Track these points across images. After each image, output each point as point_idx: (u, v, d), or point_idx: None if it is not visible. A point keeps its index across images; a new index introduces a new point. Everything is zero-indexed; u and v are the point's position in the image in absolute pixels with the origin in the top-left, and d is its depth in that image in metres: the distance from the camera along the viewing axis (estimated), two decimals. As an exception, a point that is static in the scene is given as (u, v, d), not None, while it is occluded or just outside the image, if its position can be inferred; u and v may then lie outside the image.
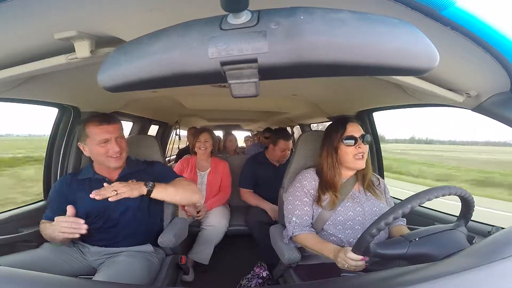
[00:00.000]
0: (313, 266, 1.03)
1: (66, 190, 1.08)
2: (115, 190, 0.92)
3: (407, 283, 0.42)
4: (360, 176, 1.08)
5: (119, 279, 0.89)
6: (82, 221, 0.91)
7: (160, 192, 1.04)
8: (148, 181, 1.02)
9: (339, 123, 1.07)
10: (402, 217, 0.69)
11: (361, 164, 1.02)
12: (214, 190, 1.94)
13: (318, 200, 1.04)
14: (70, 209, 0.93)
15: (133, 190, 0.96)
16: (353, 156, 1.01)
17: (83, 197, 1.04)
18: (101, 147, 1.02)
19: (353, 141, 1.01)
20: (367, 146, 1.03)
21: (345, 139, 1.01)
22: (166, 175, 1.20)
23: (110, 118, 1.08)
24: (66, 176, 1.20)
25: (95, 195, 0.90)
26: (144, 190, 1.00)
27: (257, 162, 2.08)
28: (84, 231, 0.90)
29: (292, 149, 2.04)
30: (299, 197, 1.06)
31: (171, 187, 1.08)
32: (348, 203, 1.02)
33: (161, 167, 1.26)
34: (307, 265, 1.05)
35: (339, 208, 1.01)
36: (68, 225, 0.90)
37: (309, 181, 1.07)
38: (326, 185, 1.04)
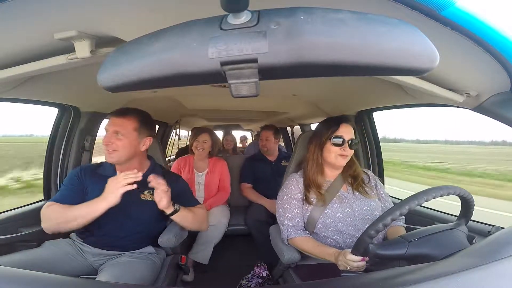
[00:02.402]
0: (313, 266, 1.03)
1: (85, 178, 1.04)
2: (161, 188, 0.93)
3: (407, 283, 0.42)
4: (347, 176, 1.08)
5: (123, 280, 0.89)
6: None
7: (179, 217, 1.02)
8: (176, 202, 1.00)
9: (333, 121, 1.07)
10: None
11: (342, 162, 1.03)
12: (213, 190, 1.93)
13: (306, 199, 1.04)
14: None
15: (163, 201, 0.94)
16: (335, 156, 1.02)
17: (97, 192, 0.98)
18: (104, 137, 1.00)
19: (340, 141, 1.01)
20: (352, 151, 1.04)
21: (333, 137, 1.02)
22: (188, 199, 1.15)
23: (121, 111, 1.02)
24: (87, 165, 1.14)
25: (152, 178, 0.93)
26: (169, 209, 0.98)
27: (255, 159, 2.18)
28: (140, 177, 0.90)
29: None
30: (287, 200, 1.06)
31: (191, 215, 1.06)
32: (336, 205, 1.01)
33: (185, 186, 1.19)
34: (307, 265, 1.05)
35: (327, 210, 1.00)
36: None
37: (294, 185, 1.08)
38: (310, 183, 1.05)
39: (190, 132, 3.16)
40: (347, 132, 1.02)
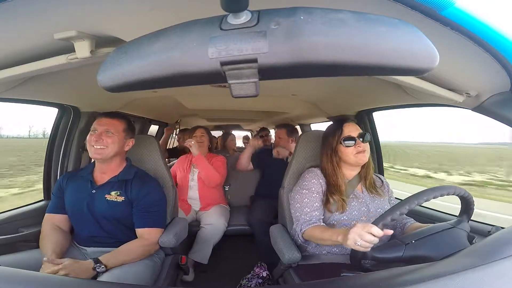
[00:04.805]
0: (313, 266, 1.03)
1: (65, 184, 1.11)
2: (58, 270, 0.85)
3: (407, 283, 0.42)
4: (363, 175, 1.08)
5: (124, 280, 0.89)
6: None
7: (113, 264, 0.93)
8: (98, 261, 0.90)
9: (335, 125, 1.07)
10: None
11: (364, 158, 1.02)
12: (207, 186, 1.88)
13: (326, 203, 1.02)
14: None
15: (76, 273, 0.84)
16: (354, 155, 1.01)
17: (68, 192, 1.09)
18: (89, 136, 1.04)
19: (352, 142, 1.01)
20: (367, 144, 1.03)
21: (344, 140, 1.01)
22: (146, 210, 1.07)
23: (112, 113, 1.09)
24: (70, 171, 1.29)
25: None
26: (90, 274, 0.88)
27: (266, 152, 2.11)
28: None
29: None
30: (307, 194, 1.04)
31: (123, 256, 0.97)
32: (354, 203, 1.02)
33: (155, 197, 1.11)
34: (307, 265, 1.05)
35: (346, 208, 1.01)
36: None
37: (317, 178, 1.06)
38: (332, 188, 1.04)
39: (177, 132, 3.18)
40: (352, 130, 1.03)
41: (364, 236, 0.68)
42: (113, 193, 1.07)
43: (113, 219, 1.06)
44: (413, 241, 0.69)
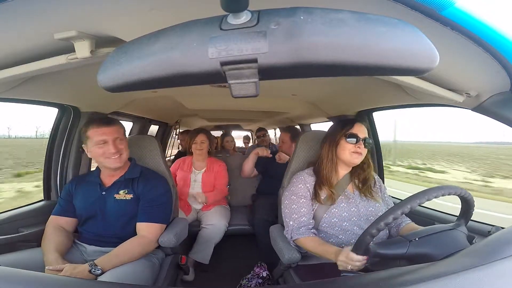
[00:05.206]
0: (313, 266, 1.03)
1: (74, 188, 1.14)
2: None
3: (407, 283, 0.42)
4: (356, 177, 1.08)
5: (123, 280, 0.89)
6: None
7: (109, 266, 0.92)
8: (92, 264, 0.89)
9: (347, 121, 1.08)
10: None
11: (357, 160, 1.03)
12: (209, 186, 1.93)
13: (316, 196, 1.04)
14: None
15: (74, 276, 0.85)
16: (350, 153, 1.02)
17: (79, 196, 1.11)
18: (99, 148, 1.04)
19: (354, 140, 1.02)
20: (366, 150, 1.04)
21: (348, 136, 1.02)
22: (150, 204, 1.09)
23: (109, 120, 1.10)
24: (79, 176, 1.31)
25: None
26: (89, 277, 0.87)
27: (267, 160, 2.09)
28: None
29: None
30: (295, 200, 1.06)
31: (120, 257, 0.96)
32: (343, 204, 1.02)
33: (158, 192, 1.14)
34: (307, 265, 1.05)
35: (334, 209, 1.01)
36: None
37: (303, 183, 1.07)
38: (323, 181, 1.05)
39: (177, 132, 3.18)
40: (361, 131, 1.03)
41: (352, 263, 0.74)
42: (121, 192, 1.10)
43: (123, 218, 1.08)
44: (417, 239, 0.69)
